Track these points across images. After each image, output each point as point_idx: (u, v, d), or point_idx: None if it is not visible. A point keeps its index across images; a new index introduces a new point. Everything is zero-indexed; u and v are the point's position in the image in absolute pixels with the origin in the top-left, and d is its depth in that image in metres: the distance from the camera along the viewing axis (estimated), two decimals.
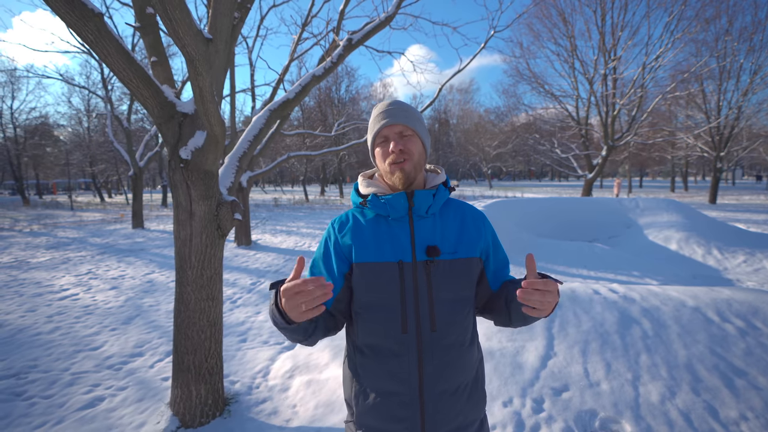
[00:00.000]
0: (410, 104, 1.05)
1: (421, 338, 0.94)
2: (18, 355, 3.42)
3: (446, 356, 0.95)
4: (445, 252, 0.97)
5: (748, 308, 2.71)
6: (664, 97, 15.52)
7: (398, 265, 0.95)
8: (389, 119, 0.99)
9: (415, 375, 0.93)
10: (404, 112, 1.01)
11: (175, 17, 1.48)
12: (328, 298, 0.75)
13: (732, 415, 2.01)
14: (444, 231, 1.00)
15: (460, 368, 0.97)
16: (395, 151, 0.96)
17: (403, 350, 0.94)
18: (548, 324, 2.78)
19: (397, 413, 0.94)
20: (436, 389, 0.94)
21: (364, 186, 1.05)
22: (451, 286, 0.97)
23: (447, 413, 0.95)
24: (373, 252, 0.97)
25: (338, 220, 1.06)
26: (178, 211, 2.27)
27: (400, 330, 0.94)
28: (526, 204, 9.94)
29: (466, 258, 0.99)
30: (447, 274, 0.96)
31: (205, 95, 1.81)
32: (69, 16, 1.68)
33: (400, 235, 0.98)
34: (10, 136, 24.89)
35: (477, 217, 1.06)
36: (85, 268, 6.82)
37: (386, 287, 0.95)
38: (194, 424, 2.36)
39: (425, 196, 0.98)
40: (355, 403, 1.00)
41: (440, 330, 0.95)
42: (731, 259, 6.57)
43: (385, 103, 1.04)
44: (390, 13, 3.58)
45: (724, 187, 35.30)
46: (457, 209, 1.06)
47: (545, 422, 2.10)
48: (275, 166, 8.15)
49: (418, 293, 0.94)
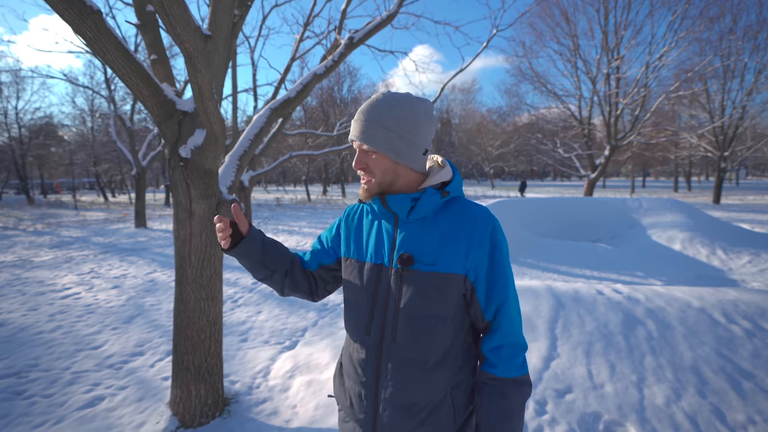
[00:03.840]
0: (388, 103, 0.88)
1: (382, 345, 0.93)
2: (19, 353, 3.41)
3: (404, 370, 0.90)
4: (420, 262, 0.88)
5: (755, 309, 2.67)
6: (667, 96, 15.41)
7: (377, 268, 0.95)
8: (353, 134, 0.91)
9: (372, 378, 0.94)
10: (366, 126, 0.88)
11: (173, 13, 1.46)
12: (226, 239, 0.98)
13: (739, 419, 1.97)
14: (426, 239, 0.90)
15: (419, 387, 0.90)
16: (356, 170, 0.93)
17: (364, 350, 0.96)
18: (551, 325, 2.75)
19: (356, 407, 0.98)
20: (390, 400, 0.92)
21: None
22: (422, 301, 0.88)
23: (399, 427, 0.91)
24: (361, 251, 1.00)
25: (352, 209, 1.09)
26: (177, 210, 2.26)
27: (364, 331, 0.95)
28: (528, 204, 9.89)
29: (445, 273, 0.87)
30: (419, 286, 0.88)
31: (204, 93, 1.80)
32: (67, 13, 1.67)
33: (385, 238, 0.96)
34: (15, 136, 25.02)
35: (476, 227, 0.89)
36: (87, 267, 6.83)
37: (362, 286, 0.97)
38: (194, 424, 2.35)
39: (400, 201, 0.90)
40: (333, 380, 1.09)
41: (400, 343, 0.90)
42: (736, 259, 6.51)
43: (363, 106, 0.92)
44: (391, 12, 3.56)
45: (728, 187, 35.07)
46: (456, 215, 0.92)
47: (548, 425, 2.07)
48: (277, 165, 8.15)
49: (388, 300, 0.92)
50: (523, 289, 3.22)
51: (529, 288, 3.23)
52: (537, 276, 5.90)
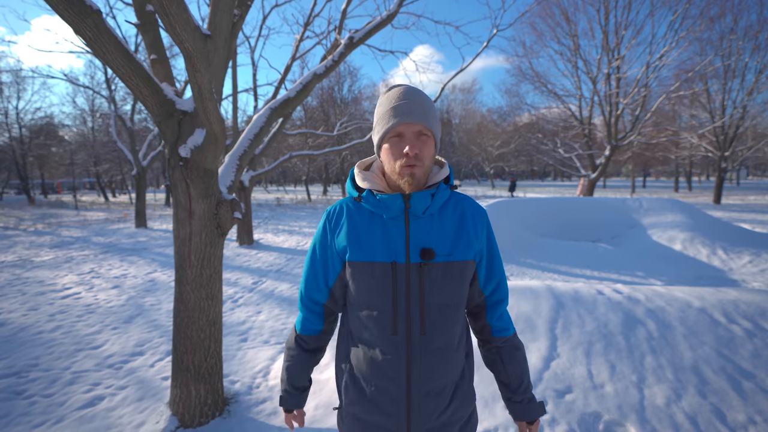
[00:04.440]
0: (425, 95, 0.95)
1: (411, 341, 0.93)
2: (19, 353, 3.42)
3: (434, 359, 0.95)
4: (440, 254, 0.93)
5: (756, 309, 2.66)
6: (668, 96, 15.39)
7: (392, 266, 0.92)
8: (408, 116, 0.89)
9: (403, 375, 0.94)
10: (424, 109, 0.92)
11: (172, 12, 1.46)
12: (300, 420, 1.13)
13: (740, 419, 1.97)
14: (441, 232, 0.95)
15: (447, 370, 0.97)
16: (410, 155, 0.89)
17: (392, 350, 0.94)
18: (551, 325, 2.74)
19: (386, 408, 0.95)
20: (422, 389, 0.94)
21: (361, 179, 0.99)
22: (444, 290, 0.94)
23: (432, 412, 0.96)
24: (366, 251, 0.94)
25: (332, 212, 1.01)
26: (177, 209, 2.25)
27: (390, 331, 0.93)
28: (528, 204, 9.88)
29: (462, 261, 0.95)
30: (441, 277, 0.93)
31: (204, 92, 1.80)
32: (67, 12, 1.67)
33: (395, 234, 0.94)
34: (15, 136, 25.03)
35: (477, 216, 1.00)
36: (87, 267, 6.84)
37: (379, 288, 0.93)
38: (193, 423, 2.35)
39: (423, 198, 0.92)
40: (345, 392, 1.01)
41: (429, 334, 0.94)
42: (736, 259, 6.50)
43: (400, 91, 0.93)
44: (392, 12, 3.56)
45: (728, 187, 35.04)
46: (456, 206, 1.00)
47: (548, 425, 2.06)
48: (277, 165, 8.15)
49: (410, 296, 0.92)
50: (523, 289, 3.22)
51: (529, 288, 3.22)
52: (537, 276, 5.90)
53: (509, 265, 6.31)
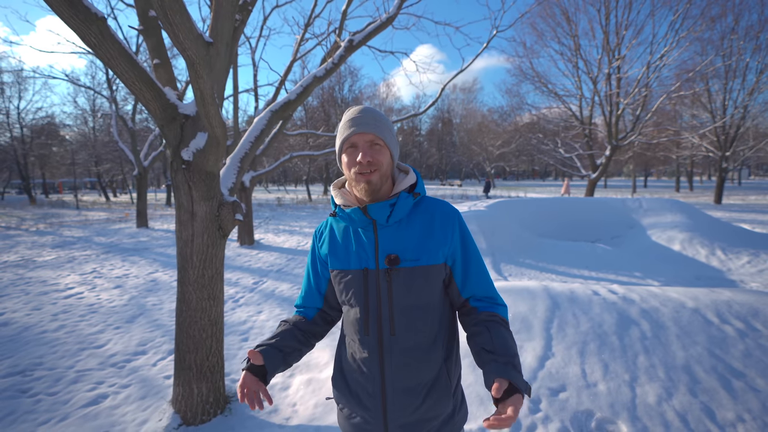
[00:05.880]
0: (380, 112, 1.04)
1: (382, 341, 1.00)
2: (24, 352, 3.47)
3: (405, 358, 1.00)
4: (405, 260, 0.99)
5: (748, 310, 2.70)
6: (668, 96, 15.38)
7: (363, 273, 1.01)
8: (360, 127, 0.98)
9: (377, 372, 1.01)
10: (375, 121, 1.00)
11: (176, 21, 1.50)
12: (259, 386, 0.99)
13: (729, 417, 2.01)
14: (408, 238, 1.00)
15: (419, 369, 1.01)
16: (363, 162, 0.96)
17: (367, 349, 1.02)
18: (547, 325, 2.79)
19: (365, 402, 1.03)
20: (396, 386, 1.00)
21: (336, 195, 1.08)
22: (411, 293, 0.99)
23: (406, 407, 1.01)
24: (342, 260, 1.05)
25: (319, 229, 1.15)
26: (180, 211, 2.30)
27: (363, 332, 1.02)
28: (528, 204, 9.92)
29: (428, 265, 0.99)
30: (407, 281, 0.99)
31: (206, 97, 1.84)
32: (73, 20, 1.71)
33: (366, 243, 1.02)
34: (17, 135, 25.12)
35: (446, 220, 1.03)
36: (90, 267, 6.89)
37: (353, 292, 1.03)
38: (195, 421, 2.40)
39: (380, 208, 0.99)
40: (334, 384, 1.12)
41: (399, 334, 1.00)
42: (735, 259, 6.53)
43: (357, 109, 1.03)
44: (391, 14, 3.59)
45: (729, 187, 34.98)
46: (425, 212, 1.04)
47: (541, 422, 2.11)
48: (278, 165, 8.19)
49: (381, 299, 1.00)
50: (520, 289, 3.26)
51: (525, 288, 3.27)
52: (535, 276, 5.93)
53: (508, 265, 6.35)
